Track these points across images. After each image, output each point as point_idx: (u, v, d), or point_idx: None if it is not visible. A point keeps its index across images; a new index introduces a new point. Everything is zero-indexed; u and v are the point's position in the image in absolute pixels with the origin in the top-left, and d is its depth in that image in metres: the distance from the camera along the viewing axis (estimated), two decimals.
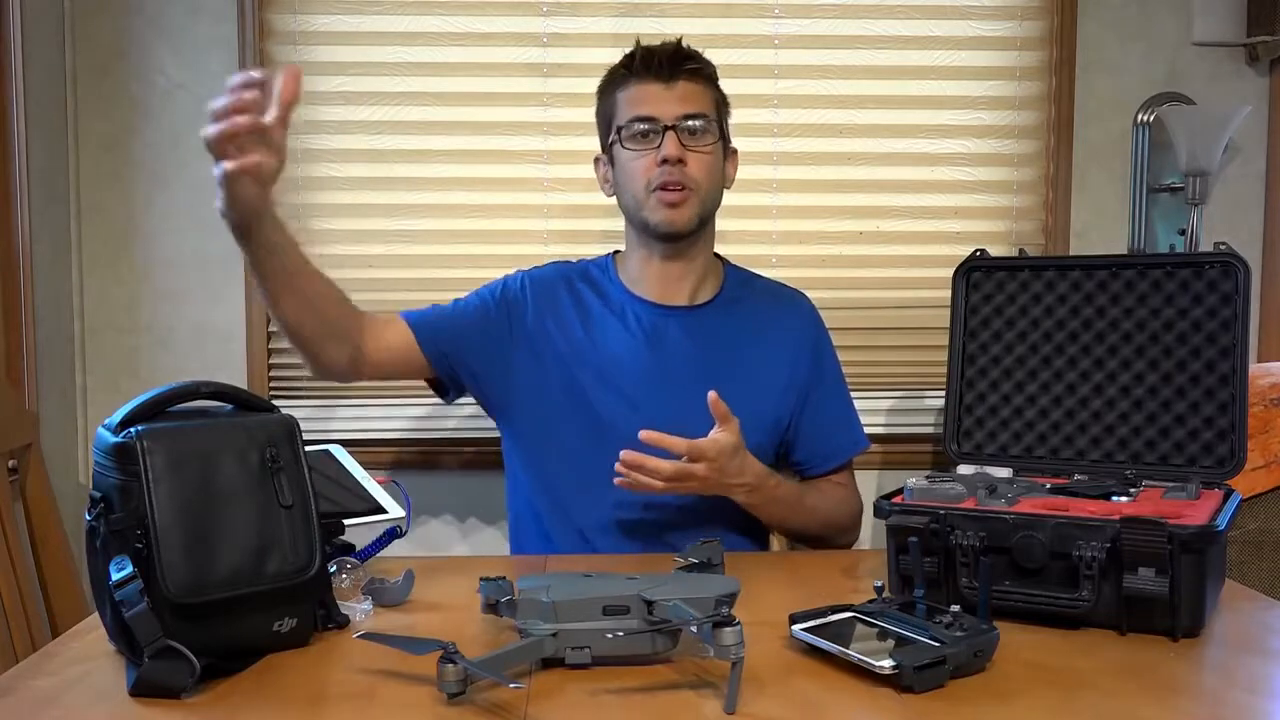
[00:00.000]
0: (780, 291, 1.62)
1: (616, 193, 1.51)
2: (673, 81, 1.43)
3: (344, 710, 0.87)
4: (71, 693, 0.90)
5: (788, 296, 1.61)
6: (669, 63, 1.43)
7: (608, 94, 1.49)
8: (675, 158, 1.41)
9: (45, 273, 1.91)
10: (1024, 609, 1.06)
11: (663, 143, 1.41)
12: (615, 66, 1.49)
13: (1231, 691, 0.91)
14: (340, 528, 1.18)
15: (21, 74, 1.82)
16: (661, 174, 1.42)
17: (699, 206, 1.45)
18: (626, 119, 1.44)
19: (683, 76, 1.44)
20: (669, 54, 1.44)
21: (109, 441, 0.94)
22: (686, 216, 1.44)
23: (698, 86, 1.45)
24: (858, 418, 1.60)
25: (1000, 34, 2.07)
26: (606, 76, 1.51)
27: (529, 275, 1.56)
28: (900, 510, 1.13)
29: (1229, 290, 1.23)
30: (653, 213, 1.44)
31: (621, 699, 0.87)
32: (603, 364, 1.48)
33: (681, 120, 1.42)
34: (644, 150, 1.43)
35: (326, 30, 2.01)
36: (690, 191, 1.43)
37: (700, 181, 1.44)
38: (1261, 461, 1.76)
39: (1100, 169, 2.10)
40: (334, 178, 2.04)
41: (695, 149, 1.43)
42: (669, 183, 1.42)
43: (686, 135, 1.43)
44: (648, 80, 1.44)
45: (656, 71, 1.43)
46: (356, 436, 1.98)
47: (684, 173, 1.42)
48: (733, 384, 1.39)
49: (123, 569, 0.89)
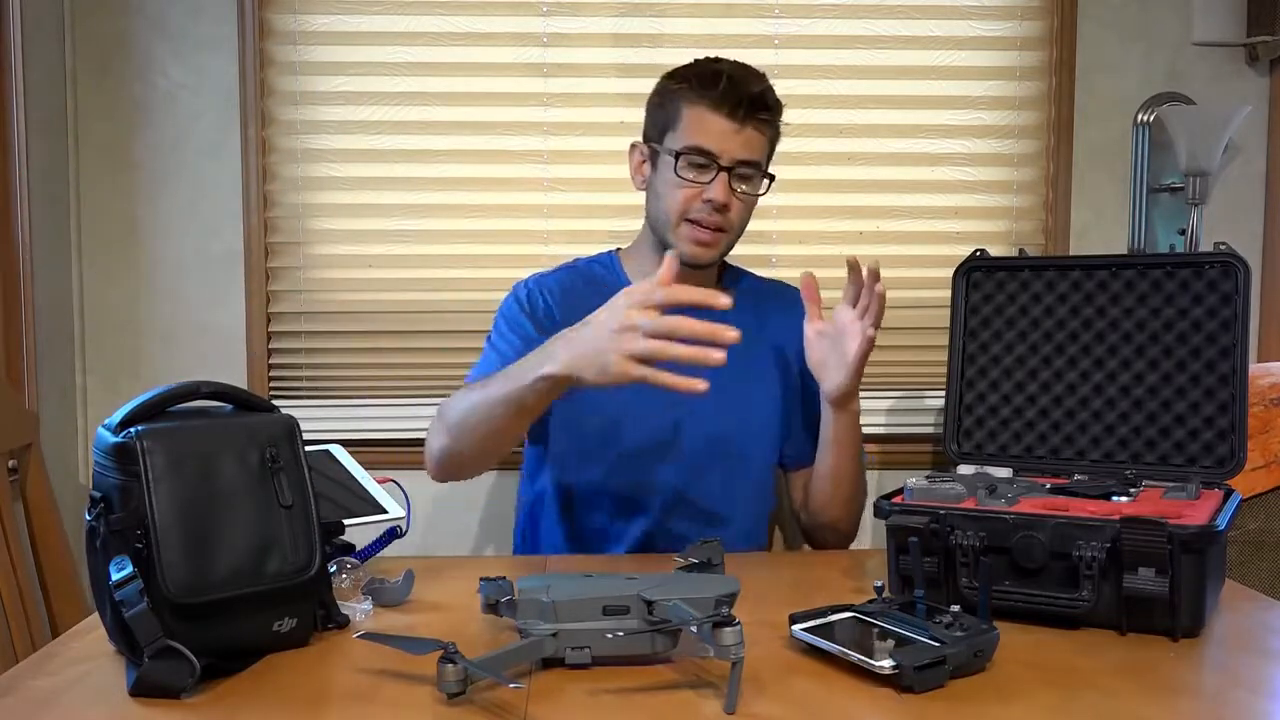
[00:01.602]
0: (775, 288, 1.63)
1: (648, 190, 1.48)
2: (744, 125, 1.39)
3: (344, 710, 0.87)
4: (71, 693, 0.90)
5: (782, 292, 1.61)
6: (749, 105, 1.39)
7: (674, 96, 1.44)
8: (722, 203, 1.39)
9: (45, 273, 1.91)
10: (1024, 609, 1.06)
11: (714, 182, 1.39)
12: (688, 70, 1.44)
13: (1232, 691, 0.91)
14: (340, 528, 1.18)
15: (21, 74, 1.82)
16: (702, 210, 1.40)
17: (726, 246, 1.46)
18: (685, 144, 1.40)
19: (750, 124, 1.40)
20: (752, 97, 1.39)
21: (109, 441, 0.94)
22: (712, 255, 1.44)
23: (761, 136, 1.42)
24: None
25: (1000, 34, 2.07)
26: (678, 76, 1.45)
27: (540, 284, 1.53)
28: (900, 510, 1.13)
29: (1229, 290, 1.23)
30: (680, 241, 1.42)
31: (621, 699, 0.87)
32: None
33: (738, 165, 1.40)
34: (693, 183, 1.40)
35: (326, 30, 2.02)
36: (724, 234, 1.43)
37: (736, 225, 1.44)
38: (1261, 461, 1.76)
39: (1100, 169, 2.10)
40: (334, 178, 2.04)
41: (740, 195, 1.42)
42: (707, 222, 1.40)
43: (736, 180, 1.41)
44: (720, 112, 1.38)
45: (732, 109, 1.38)
46: (356, 436, 1.98)
47: (724, 217, 1.41)
48: (743, 383, 1.40)
49: (123, 569, 0.89)
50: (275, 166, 2.04)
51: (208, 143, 2.02)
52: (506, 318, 1.51)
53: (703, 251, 1.43)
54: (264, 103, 2.02)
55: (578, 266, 1.58)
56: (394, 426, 2.03)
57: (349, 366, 2.07)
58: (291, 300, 2.06)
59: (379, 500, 1.26)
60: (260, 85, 2.00)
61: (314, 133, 2.03)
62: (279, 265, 2.05)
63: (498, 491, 2.08)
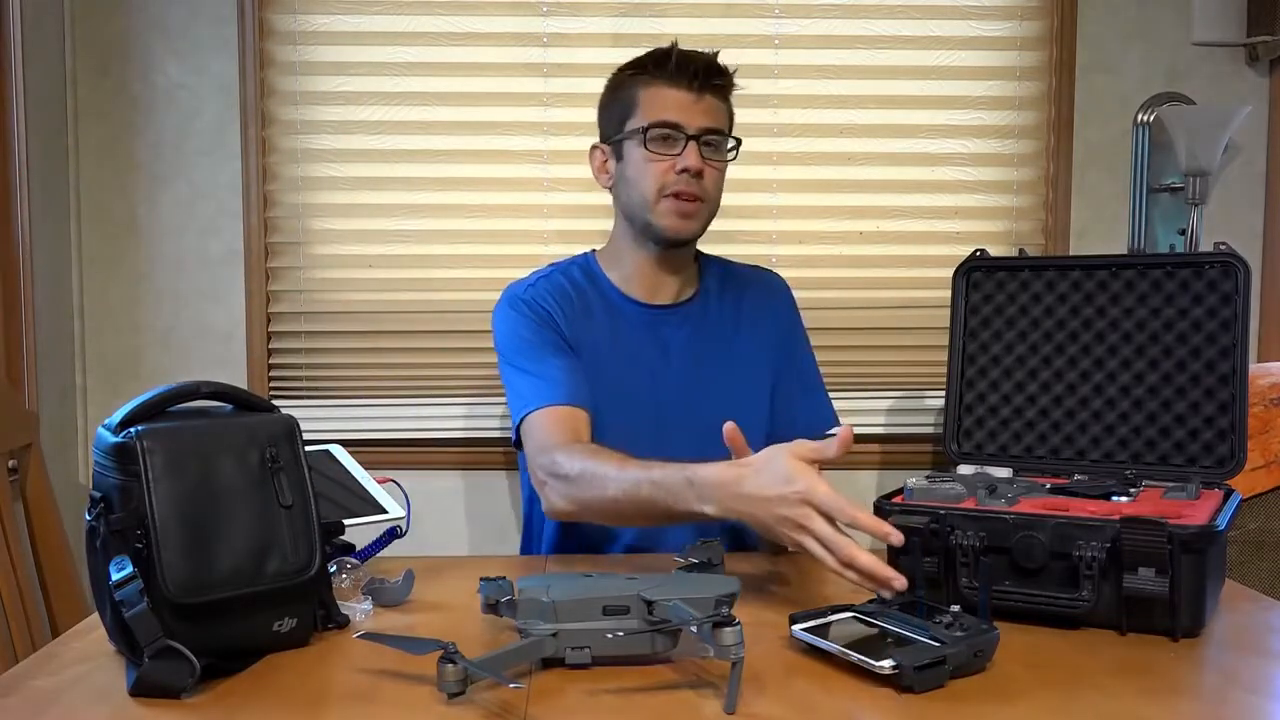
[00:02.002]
0: (754, 274, 1.62)
1: (616, 186, 1.49)
2: (702, 94, 1.42)
3: (344, 710, 0.87)
4: (71, 693, 0.90)
5: (762, 278, 1.61)
6: (703, 74, 1.42)
7: (626, 86, 1.47)
8: (697, 169, 1.41)
9: (45, 273, 1.91)
10: (1024, 609, 1.06)
11: (684, 151, 1.41)
12: (641, 59, 1.46)
13: (1231, 691, 0.91)
14: (340, 528, 1.18)
15: (21, 74, 1.82)
16: (678, 182, 1.42)
17: (706, 218, 1.47)
18: (650, 121, 1.42)
19: (710, 90, 1.43)
20: (705, 65, 1.42)
21: (109, 441, 0.94)
22: (694, 227, 1.46)
23: (722, 104, 1.46)
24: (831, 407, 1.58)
25: (1000, 34, 2.07)
26: (628, 68, 1.48)
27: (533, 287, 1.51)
28: (900, 510, 1.13)
29: (1229, 290, 1.23)
30: (661, 218, 1.44)
31: (621, 699, 0.87)
32: (609, 364, 1.48)
33: (705, 133, 1.42)
34: (664, 155, 1.43)
35: (326, 30, 2.02)
36: (703, 203, 1.44)
37: (712, 194, 1.46)
38: (1261, 461, 1.76)
39: (1100, 169, 2.10)
40: (334, 178, 2.04)
41: (712, 162, 1.44)
42: (685, 193, 1.42)
43: (705, 148, 1.43)
44: (679, 86, 1.42)
45: (689, 80, 1.41)
46: (356, 436, 1.98)
47: (700, 185, 1.43)
48: (728, 375, 1.40)
49: (123, 569, 0.89)
50: (275, 166, 2.04)
51: (208, 143, 2.02)
52: (526, 335, 1.46)
53: (685, 224, 1.44)
54: (264, 103, 2.02)
55: (557, 270, 1.55)
56: (394, 426, 2.04)
57: (349, 366, 2.07)
58: (291, 300, 2.06)
59: (379, 500, 1.26)
60: (260, 85, 2.00)
61: (314, 133, 2.03)
62: (279, 265, 2.05)
63: (498, 491, 2.08)
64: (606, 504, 1.24)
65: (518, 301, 1.49)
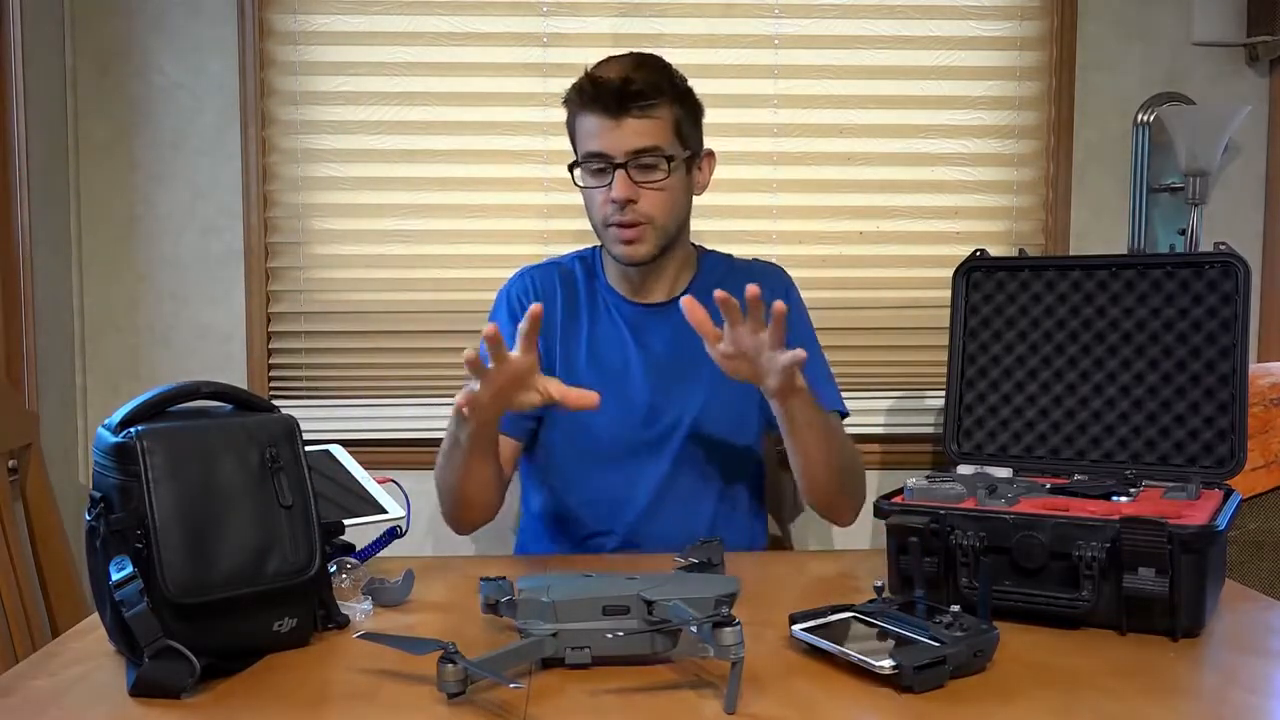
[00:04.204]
0: (753, 268, 1.59)
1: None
2: (621, 118, 1.38)
3: (344, 710, 0.87)
4: (71, 693, 0.90)
5: (760, 271, 1.58)
6: (615, 100, 1.37)
7: (569, 114, 1.45)
8: (624, 199, 1.38)
9: (45, 273, 1.91)
10: (1024, 609, 1.06)
11: (613, 182, 1.39)
12: (570, 90, 1.43)
13: (1231, 691, 0.91)
14: (340, 528, 1.18)
15: (21, 74, 1.82)
16: (613, 213, 1.40)
17: (657, 238, 1.43)
18: (581, 152, 1.42)
19: (630, 114, 1.38)
20: (613, 91, 1.37)
21: (109, 441, 0.94)
22: (644, 251, 1.43)
23: (649, 121, 1.39)
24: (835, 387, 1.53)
25: (1000, 34, 2.07)
26: (566, 95, 1.45)
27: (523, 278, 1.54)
28: (900, 510, 1.13)
29: (1229, 290, 1.23)
30: (612, 246, 1.44)
31: (621, 699, 0.87)
32: (587, 361, 1.49)
33: (631, 158, 1.38)
34: (598, 186, 1.41)
35: (326, 30, 2.02)
36: (644, 226, 1.41)
37: (654, 215, 1.41)
38: (1261, 461, 1.76)
39: (1100, 169, 2.09)
40: (334, 178, 2.04)
41: (647, 185, 1.40)
42: (621, 222, 1.40)
43: (637, 171, 1.39)
44: (597, 113, 1.39)
45: (605, 106, 1.38)
46: (356, 436, 1.98)
47: (636, 210, 1.40)
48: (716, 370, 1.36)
49: (123, 569, 0.89)
50: (275, 166, 2.04)
51: (208, 142, 2.02)
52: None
53: (630, 250, 1.42)
54: (264, 103, 2.01)
55: (561, 261, 1.58)
56: (394, 426, 2.03)
57: (349, 366, 2.07)
58: (291, 300, 2.06)
59: (379, 500, 1.26)
60: (260, 85, 2.00)
61: (314, 133, 2.03)
62: (279, 265, 2.05)
63: None
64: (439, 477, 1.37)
65: (503, 294, 1.54)
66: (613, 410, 1.44)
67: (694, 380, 1.47)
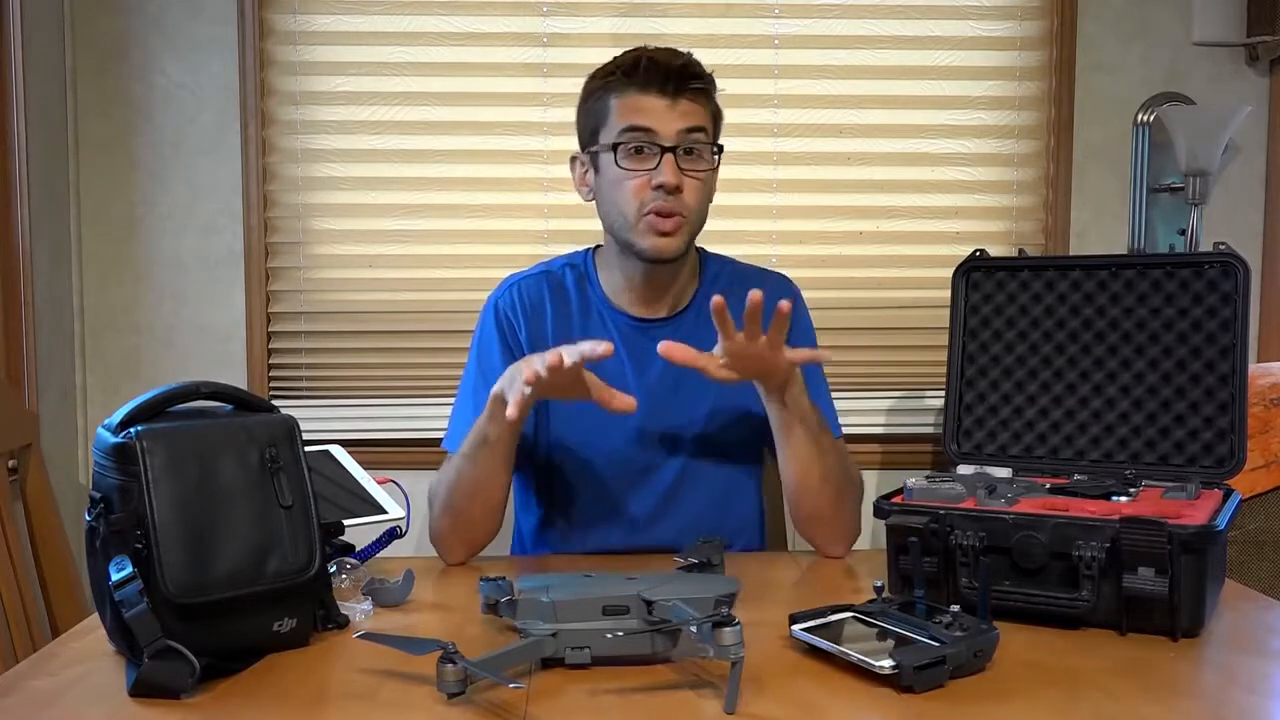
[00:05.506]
0: (759, 277, 1.52)
1: (598, 201, 1.42)
2: (677, 98, 1.33)
3: (344, 710, 0.87)
4: (71, 693, 0.90)
5: (765, 281, 1.51)
6: (676, 78, 1.32)
7: (598, 95, 1.38)
8: (673, 185, 1.32)
9: (45, 273, 1.91)
10: (1024, 609, 1.06)
11: (660, 165, 1.32)
12: (609, 66, 1.38)
13: (1231, 691, 0.91)
14: (340, 528, 1.18)
15: (21, 74, 1.82)
16: (655, 199, 1.32)
17: (690, 233, 1.38)
18: (621, 128, 1.34)
19: (685, 95, 1.33)
20: (677, 69, 1.32)
21: (109, 441, 0.94)
22: (677, 244, 1.36)
23: (700, 106, 1.35)
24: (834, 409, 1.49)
25: (1000, 34, 2.08)
26: (599, 75, 1.39)
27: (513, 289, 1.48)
28: (900, 510, 1.13)
29: (1229, 290, 1.23)
30: (642, 237, 1.36)
31: (621, 699, 0.87)
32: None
33: (683, 139, 1.33)
34: (638, 171, 1.33)
35: (326, 30, 2.02)
36: (684, 219, 1.35)
37: (694, 208, 1.37)
38: (1261, 461, 1.76)
39: (1100, 169, 2.10)
40: (334, 178, 2.04)
41: (692, 174, 1.34)
42: (663, 210, 1.33)
43: (684, 158, 1.34)
44: (651, 92, 1.33)
45: (661, 85, 1.32)
46: (356, 436, 1.98)
47: (679, 200, 1.33)
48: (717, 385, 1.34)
49: (123, 569, 0.89)
50: (275, 166, 2.04)
51: (208, 142, 2.02)
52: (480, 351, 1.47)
53: (665, 242, 1.35)
54: (264, 103, 2.02)
55: (551, 268, 1.51)
56: (394, 426, 2.04)
57: (349, 366, 2.07)
58: (291, 300, 2.06)
59: (379, 500, 1.26)
60: (260, 85, 2.00)
61: (314, 133, 2.03)
62: (279, 265, 2.05)
63: None
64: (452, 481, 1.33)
65: (491, 304, 1.48)
66: (604, 434, 1.40)
67: (692, 405, 1.43)
